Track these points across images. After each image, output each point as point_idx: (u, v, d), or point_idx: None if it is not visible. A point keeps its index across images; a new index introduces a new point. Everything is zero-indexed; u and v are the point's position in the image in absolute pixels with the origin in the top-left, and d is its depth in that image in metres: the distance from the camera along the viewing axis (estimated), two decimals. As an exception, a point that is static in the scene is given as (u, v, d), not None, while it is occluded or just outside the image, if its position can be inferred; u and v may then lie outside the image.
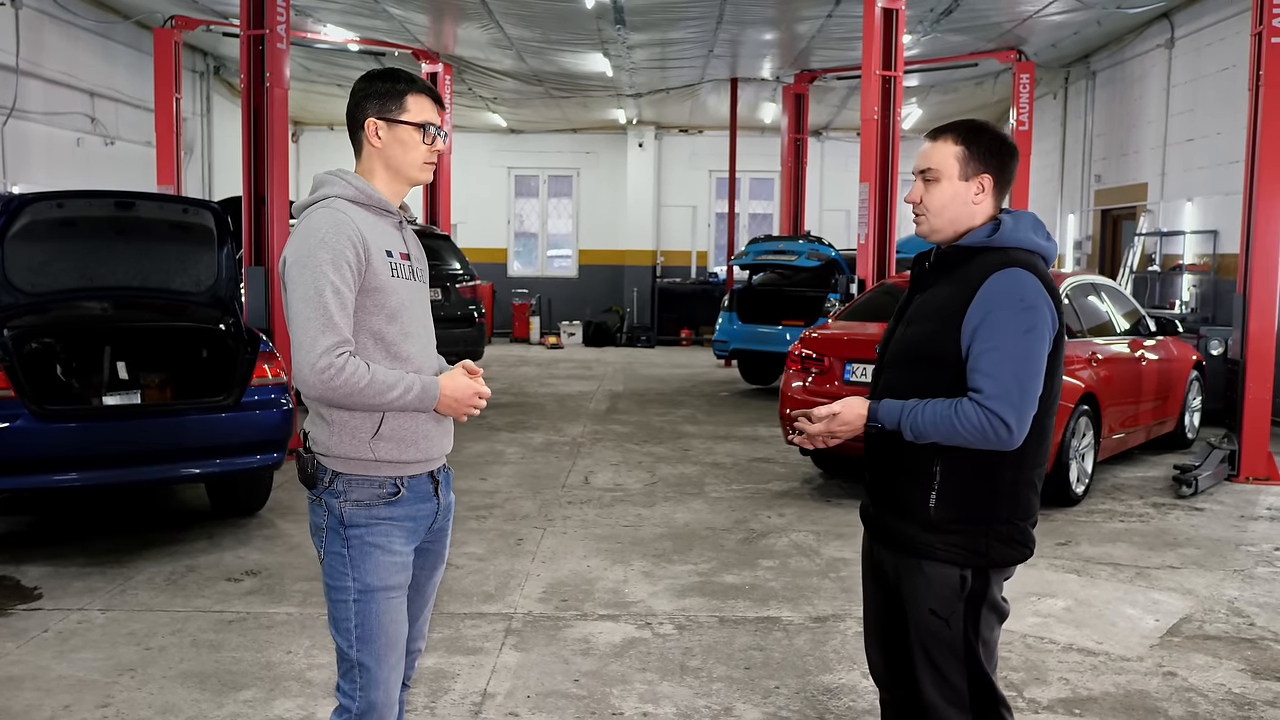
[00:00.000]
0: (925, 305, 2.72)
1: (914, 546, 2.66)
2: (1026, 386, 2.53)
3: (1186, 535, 6.74)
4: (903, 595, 2.72)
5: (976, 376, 2.54)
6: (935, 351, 2.64)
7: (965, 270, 2.64)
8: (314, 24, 13.48)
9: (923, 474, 2.64)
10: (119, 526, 6.67)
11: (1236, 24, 11.57)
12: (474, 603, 5.27)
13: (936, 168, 2.70)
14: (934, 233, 2.74)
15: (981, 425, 2.51)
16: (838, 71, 16.12)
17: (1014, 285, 2.56)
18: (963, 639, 2.64)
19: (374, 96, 2.69)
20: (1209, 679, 4.42)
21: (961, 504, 2.62)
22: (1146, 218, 13.83)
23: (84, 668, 4.41)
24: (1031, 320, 2.54)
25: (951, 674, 2.66)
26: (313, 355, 2.47)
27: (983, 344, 2.54)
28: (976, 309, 2.56)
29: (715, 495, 7.74)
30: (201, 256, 6.62)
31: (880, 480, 2.80)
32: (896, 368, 2.75)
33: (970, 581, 2.63)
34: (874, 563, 2.87)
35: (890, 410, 2.63)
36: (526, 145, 21.80)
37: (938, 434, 2.56)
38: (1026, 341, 2.54)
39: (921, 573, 2.65)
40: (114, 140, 13.55)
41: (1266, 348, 8.39)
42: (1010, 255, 2.62)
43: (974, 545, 2.62)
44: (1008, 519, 2.64)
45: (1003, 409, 2.50)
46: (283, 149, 9.17)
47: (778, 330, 12.93)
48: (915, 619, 2.68)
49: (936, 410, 2.55)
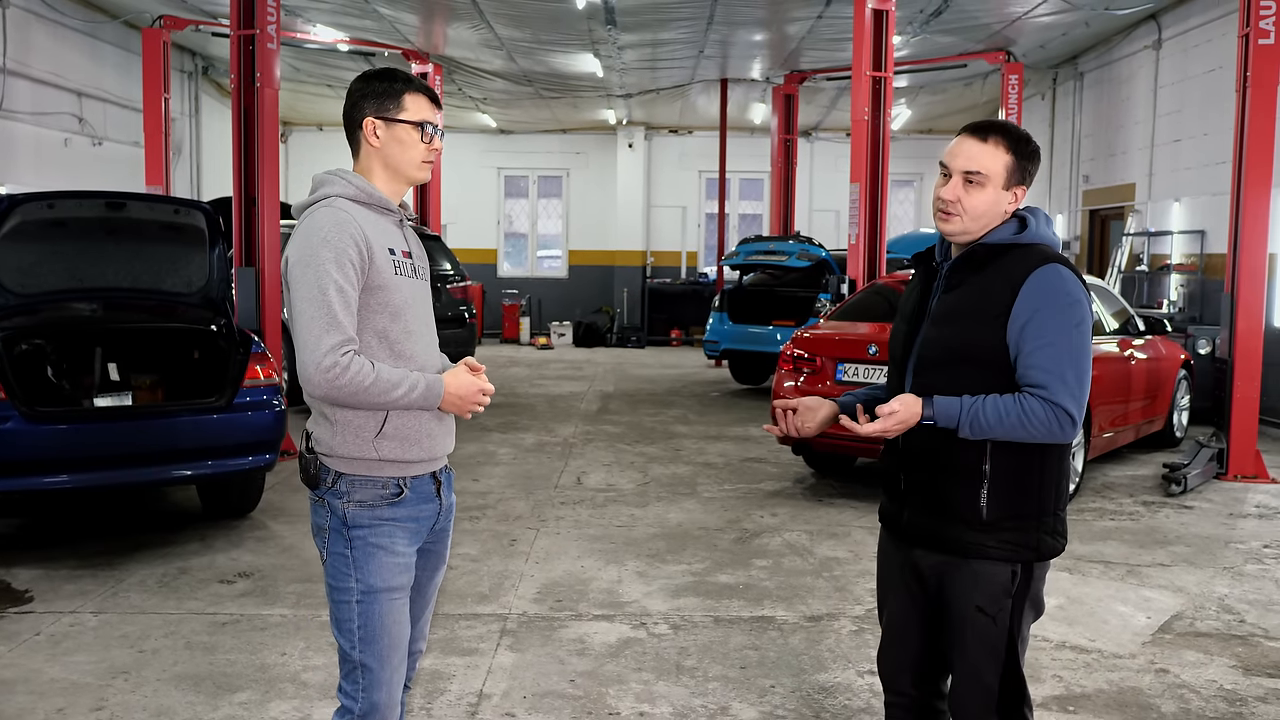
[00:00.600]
0: (959, 304, 2.69)
1: (962, 547, 2.65)
2: (1083, 379, 2.57)
3: (1176, 533, 6.77)
4: (947, 596, 2.70)
5: (1035, 373, 2.55)
6: (977, 351, 2.63)
7: (998, 268, 2.64)
8: (303, 24, 13.45)
9: (971, 472, 2.63)
10: (110, 529, 6.65)
11: (1223, 25, 11.64)
12: (468, 603, 5.27)
13: (986, 172, 2.65)
14: (964, 233, 2.71)
15: (1048, 420, 2.53)
16: (827, 72, 16.17)
17: (1059, 281, 2.59)
18: (1006, 635, 2.65)
19: (372, 96, 2.69)
20: (1201, 675, 4.45)
21: (1013, 500, 2.63)
22: (1134, 218, 13.90)
23: (77, 670, 4.39)
24: (1080, 314, 2.59)
25: (987, 673, 2.66)
26: (317, 354, 2.47)
27: (1036, 340, 2.56)
28: (1024, 306, 2.57)
29: (708, 495, 7.75)
30: (193, 257, 6.61)
31: (918, 481, 2.76)
32: (933, 370, 2.71)
33: (1019, 576, 2.64)
34: (903, 565, 2.83)
35: (947, 407, 2.60)
36: (516, 146, 21.79)
37: (1002, 429, 2.55)
38: (1078, 335, 2.58)
39: (970, 571, 2.64)
40: (102, 141, 13.51)
41: (1254, 347, 8.44)
42: (1041, 252, 2.65)
43: (1026, 540, 2.63)
44: (1054, 510, 2.67)
45: (1067, 403, 2.53)
46: (273, 149, 9.15)
47: (768, 330, 12.95)
48: (960, 618, 2.67)
49: (1000, 407, 2.55)
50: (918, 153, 20.41)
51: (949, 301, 2.72)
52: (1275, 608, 5.33)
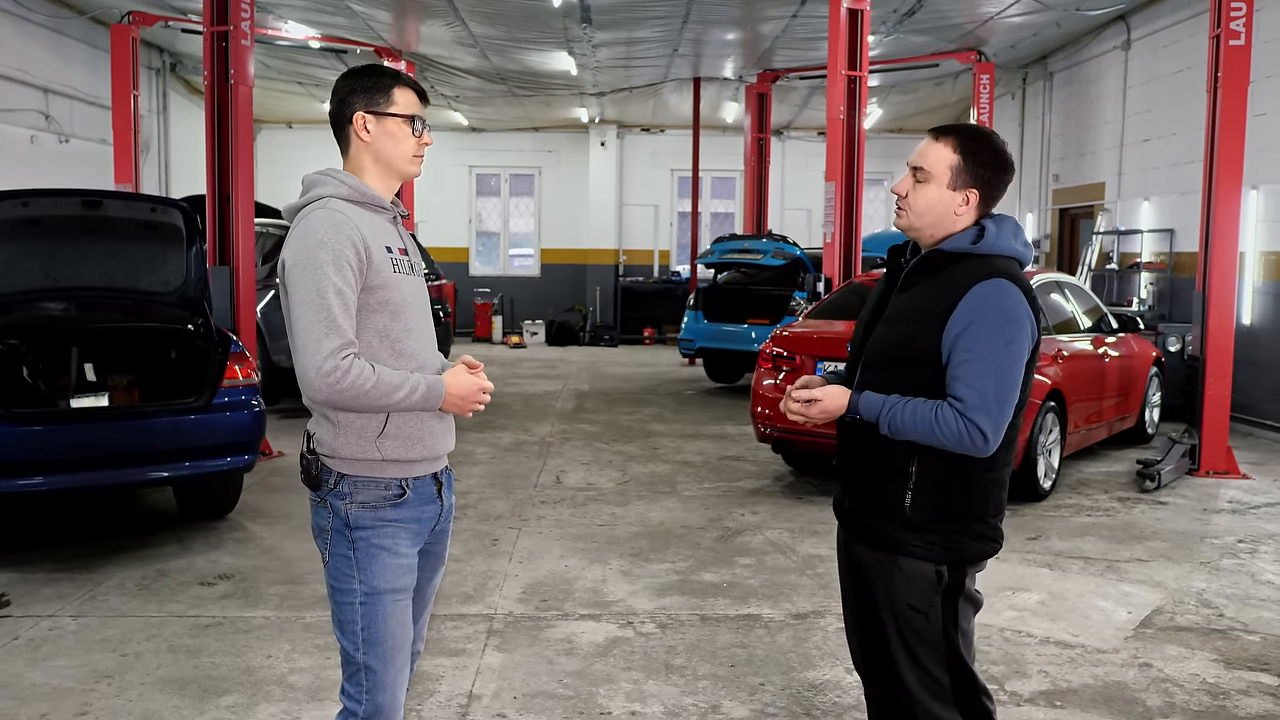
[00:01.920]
0: (906, 307, 2.73)
1: (890, 543, 2.70)
2: (1005, 398, 2.58)
3: (1152, 529, 6.85)
4: (880, 589, 2.74)
5: (957, 385, 2.58)
6: (915, 354, 2.66)
7: (948, 275, 2.66)
8: (275, 20, 13.32)
9: (898, 472, 2.68)
10: (86, 531, 6.56)
11: (1191, 26, 11.78)
12: (453, 604, 5.24)
13: (929, 169, 2.71)
14: (912, 230, 2.78)
15: (959, 432, 2.55)
16: (800, 71, 16.22)
17: (998, 297, 2.60)
18: (942, 631, 2.69)
19: (361, 91, 2.68)
20: (1183, 669, 4.50)
21: (936, 503, 2.66)
22: (1104, 216, 14.05)
23: (59, 675, 4.33)
24: (1013, 332, 2.59)
25: (933, 667, 2.70)
26: (317, 359, 2.45)
27: (964, 353, 2.58)
28: (960, 317, 2.59)
29: (688, 494, 7.76)
30: (170, 256, 6.53)
31: (855, 475, 2.83)
32: (875, 368, 2.75)
33: (946, 575, 2.68)
34: (850, 558, 2.89)
35: (871, 403, 2.66)
36: (488, 144, 21.70)
37: (915, 434, 2.60)
38: (1008, 353, 2.58)
39: (898, 568, 2.69)
40: (69, 138, 13.31)
41: (1225, 344, 8.55)
42: (994, 264, 2.66)
43: (949, 543, 2.67)
44: (980, 516, 2.70)
45: (981, 419, 2.55)
46: (247, 147, 9.07)
47: (743, 329, 12.98)
48: (894, 613, 2.71)
49: (917, 410, 2.59)
50: (888, 152, 20.50)
51: (900, 303, 2.77)
52: (1252, 602, 5.41)
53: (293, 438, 9.14)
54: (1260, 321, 10.65)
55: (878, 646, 2.81)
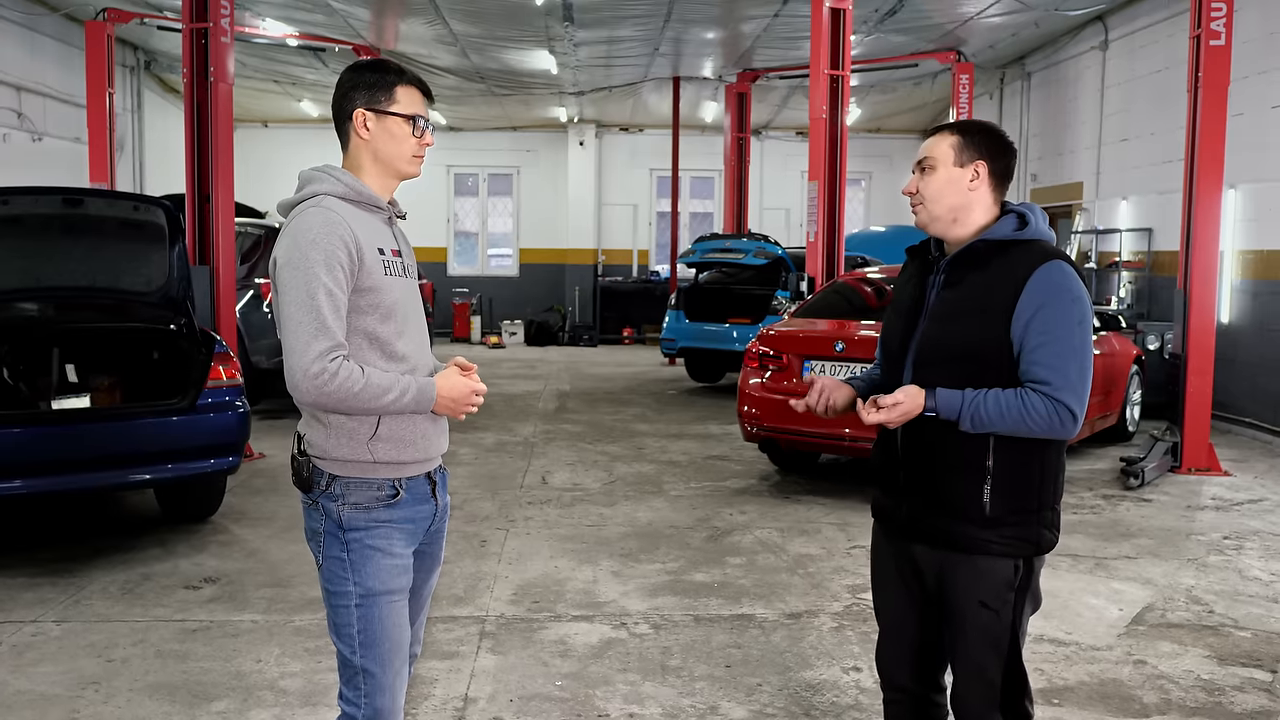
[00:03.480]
0: (960, 301, 2.68)
1: (965, 542, 2.65)
2: (1085, 376, 2.58)
3: (1138, 526, 6.89)
4: (951, 590, 2.69)
5: (1037, 369, 2.56)
6: (979, 347, 2.63)
7: (1001, 265, 2.64)
8: (253, 18, 13.20)
9: (974, 468, 2.63)
10: (67, 534, 6.46)
11: (1169, 27, 11.87)
12: (444, 606, 5.19)
13: (932, 155, 2.73)
14: (933, 221, 2.75)
15: (1050, 416, 2.54)
16: (780, 71, 16.24)
17: (1063, 278, 2.59)
18: (1010, 629, 2.66)
19: (362, 87, 2.62)
20: (1177, 666, 4.52)
21: (1016, 495, 2.63)
22: (1082, 216, 14.14)
23: (44, 682, 4.25)
24: (1082, 311, 2.60)
25: (990, 668, 2.67)
26: (306, 360, 2.40)
27: (1040, 336, 2.56)
28: (1028, 302, 2.57)
29: (675, 493, 7.73)
30: (152, 255, 6.43)
31: (918, 477, 2.74)
32: (932, 365, 2.70)
33: (1021, 570, 2.65)
34: (900, 560, 2.83)
35: (949, 399, 2.60)
36: (466, 143, 21.58)
37: (1003, 424, 2.56)
38: (1081, 332, 2.59)
39: (973, 567, 2.65)
40: (42, 136, 13.15)
41: (1206, 343, 8.61)
42: (1045, 248, 2.66)
43: (1028, 535, 2.64)
44: (1053, 504, 2.69)
45: (1070, 399, 2.54)
46: (227, 145, 8.98)
47: (725, 328, 12.97)
48: (962, 614, 2.67)
49: (1001, 400, 2.56)
50: (867, 151, 20.58)
51: (949, 298, 2.72)
52: (1241, 598, 5.44)
53: (274, 439, 9.05)
54: (1238, 320, 10.73)
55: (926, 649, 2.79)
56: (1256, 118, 10.16)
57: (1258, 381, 10.41)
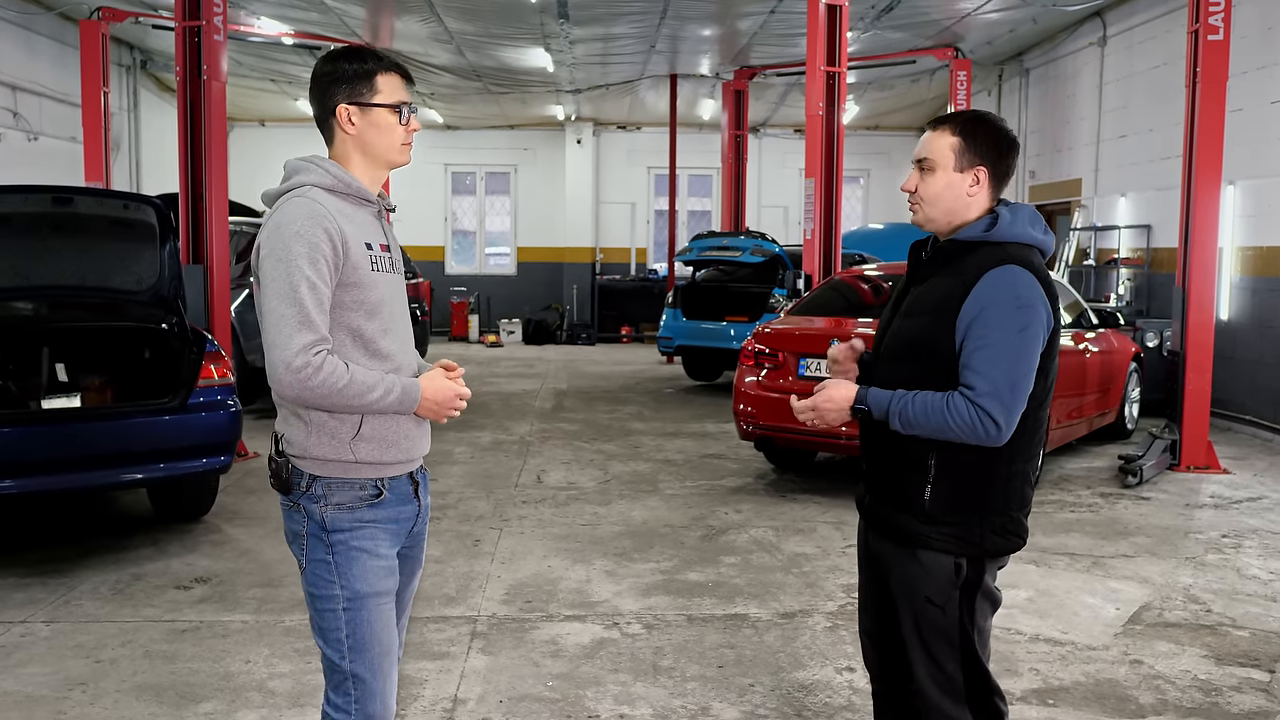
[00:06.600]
0: (922, 299, 2.70)
1: (909, 537, 2.66)
2: (1017, 385, 2.53)
3: (1136, 524, 6.85)
4: (898, 583, 2.72)
5: (968, 373, 2.53)
6: (930, 345, 2.62)
7: (962, 264, 2.63)
8: (247, 16, 13.15)
9: (918, 466, 2.64)
10: (57, 534, 6.42)
11: (1167, 22, 11.83)
12: (435, 606, 5.15)
13: (932, 157, 2.69)
14: (929, 222, 2.74)
15: (970, 421, 2.50)
16: (777, 68, 16.18)
17: (1010, 283, 2.55)
18: (958, 626, 2.65)
19: (342, 80, 2.54)
20: (1174, 666, 4.48)
21: (956, 496, 2.62)
22: (1081, 213, 14.10)
23: (31, 683, 4.22)
24: (1026, 319, 2.54)
25: (947, 663, 2.66)
26: (288, 354, 2.35)
27: (976, 341, 2.53)
28: (971, 305, 2.55)
29: (670, 492, 7.69)
30: (143, 254, 6.39)
31: (877, 471, 2.79)
32: (893, 361, 2.73)
33: (965, 569, 2.63)
34: (869, 552, 2.87)
35: (879, 397, 2.61)
36: (463, 142, 21.53)
37: (927, 425, 2.55)
38: (1020, 340, 2.53)
39: (917, 561, 2.65)
40: (37, 135, 13.11)
41: (1205, 340, 8.56)
42: (1007, 251, 2.61)
43: (969, 535, 2.62)
44: (1001, 509, 2.64)
45: (992, 406, 2.49)
46: (221, 144, 8.94)
47: (722, 326, 12.91)
48: (911, 607, 2.68)
49: (927, 402, 2.55)
50: (865, 148, 20.52)
51: (916, 295, 2.75)
52: (1239, 597, 5.40)
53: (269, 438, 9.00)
54: (1237, 317, 10.69)
55: (893, 642, 2.78)
56: (1255, 113, 10.11)
57: (1257, 379, 10.37)
